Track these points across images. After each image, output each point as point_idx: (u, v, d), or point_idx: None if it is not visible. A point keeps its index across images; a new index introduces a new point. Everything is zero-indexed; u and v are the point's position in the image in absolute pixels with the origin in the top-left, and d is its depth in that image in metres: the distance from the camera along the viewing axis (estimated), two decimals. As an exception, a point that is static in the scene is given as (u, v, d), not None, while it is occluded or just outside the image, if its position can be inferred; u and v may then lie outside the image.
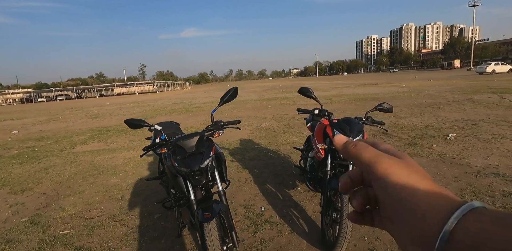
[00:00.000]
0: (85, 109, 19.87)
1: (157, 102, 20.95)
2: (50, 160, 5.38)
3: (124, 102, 25.73)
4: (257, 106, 12.70)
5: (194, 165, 1.71)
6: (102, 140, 7.15)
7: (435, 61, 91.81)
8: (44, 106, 31.68)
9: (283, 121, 7.86)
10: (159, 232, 2.49)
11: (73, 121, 12.36)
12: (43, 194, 3.63)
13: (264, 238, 2.29)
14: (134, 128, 1.96)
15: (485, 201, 2.62)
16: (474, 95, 10.98)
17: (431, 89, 14.68)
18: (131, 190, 3.50)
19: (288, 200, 2.96)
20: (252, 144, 5.51)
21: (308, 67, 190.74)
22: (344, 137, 0.35)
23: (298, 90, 2.50)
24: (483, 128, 5.51)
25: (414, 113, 7.78)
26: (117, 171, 4.33)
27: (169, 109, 14.48)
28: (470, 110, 7.60)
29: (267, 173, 3.80)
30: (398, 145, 4.66)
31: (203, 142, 1.82)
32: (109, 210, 3.00)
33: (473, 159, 3.77)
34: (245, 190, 3.27)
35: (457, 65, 72.06)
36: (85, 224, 2.73)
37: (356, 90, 18.14)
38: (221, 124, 2.00)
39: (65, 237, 2.50)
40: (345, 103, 11.41)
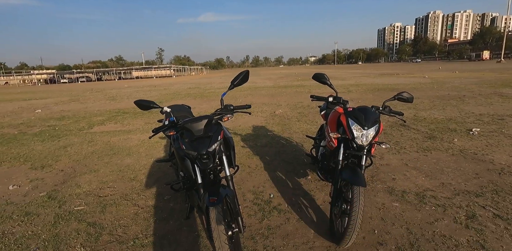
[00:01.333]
0: (104, 91, 20.34)
1: (173, 86, 21.12)
2: (69, 139, 5.57)
3: (141, 85, 26.12)
4: (272, 93, 12.54)
5: (202, 149, 1.68)
6: (119, 121, 7.30)
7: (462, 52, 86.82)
8: (66, 87, 32.70)
9: (298, 109, 7.72)
10: (168, 213, 2.53)
11: (92, 102, 12.69)
12: (61, 171, 3.77)
13: (271, 225, 2.28)
14: (144, 109, 1.94)
15: (506, 200, 2.48)
16: (503, 88, 10.33)
17: (455, 81, 13.94)
18: (144, 171, 3.57)
19: (297, 188, 2.92)
20: (265, 131, 5.46)
21: (326, 55, 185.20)
22: None
23: (312, 76, 2.39)
24: (510, 123, 5.19)
25: (436, 105, 7.43)
26: (131, 152, 4.42)
27: (184, 93, 14.57)
28: (497, 104, 7.17)
29: (278, 160, 3.76)
30: (416, 138, 4.48)
31: (211, 125, 1.78)
32: (122, 189, 3.08)
33: (497, 156, 3.57)
34: (255, 176, 3.26)
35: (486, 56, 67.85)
36: (98, 201, 2.82)
37: (375, 80, 17.51)
38: (230, 108, 1.95)
39: (79, 213, 2.60)
40: (363, 93, 11.05)
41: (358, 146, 2.00)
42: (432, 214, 2.33)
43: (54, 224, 2.43)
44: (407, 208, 2.44)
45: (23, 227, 2.42)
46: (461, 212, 2.33)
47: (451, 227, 2.14)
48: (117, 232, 2.28)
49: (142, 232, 2.25)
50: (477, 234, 2.04)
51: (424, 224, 2.20)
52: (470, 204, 2.46)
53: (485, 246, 1.91)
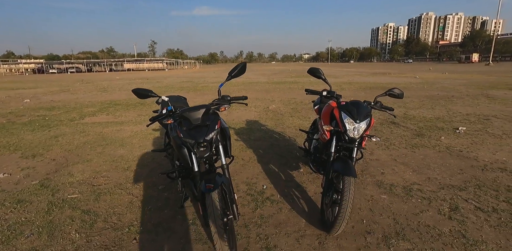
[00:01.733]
0: (95, 82, 19.96)
1: (166, 80, 20.89)
2: (60, 129, 5.49)
3: (133, 77, 25.73)
4: (266, 88, 12.57)
5: (199, 137, 1.72)
6: (111, 113, 7.23)
7: (452, 54, 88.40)
8: (55, 77, 31.91)
9: (291, 105, 7.79)
10: (162, 202, 2.57)
11: (83, 93, 12.46)
12: (53, 160, 3.74)
13: (264, 214, 2.34)
14: (142, 98, 1.95)
15: (488, 194, 2.62)
16: (490, 90, 10.64)
17: (445, 82, 14.27)
18: (137, 162, 3.58)
19: (290, 180, 3.00)
20: (258, 125, 5.52)
21: (320, 52, 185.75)
22: None
23: (308, 70, 2.45)
24: (495, 123, 5.39)
25: (425, 104, 7.62)
26: (124, 143, 4.41)
27: (177, 87, 14.45)
28: (484, 105, 7.41)
29: (271, 153, 3.82)
30: (406, 135, 4.61)
31: (209, 115, 1.83)
32: (116, 178, 3.09)
33: (481, 154, 3.73)
34: (248, 169, 3.32)
35: (475, 59, 69.30)
36: (92, 190, 2.82)
37: (368, 79, 17.74)
38: (227, 99, 1.99)
39: (73, 201, 2.60)
40: (355, 90, 11.21)
41: (350, 138, 2.08)
42: (418, 206, 2.44)
43: (47, 211, 2.44)
44: (395, 200, 2.54)
45: (16, 214, 2.42)
46: (445, 205, 2.45)
47: (435, 218, 2.25)
48: (112, 219, 2.30)
49: (137, 220, 2.28)
50: (459, 225, 2.15)
51: (410, 215, 2.30)
52: (454, 197, 2.58)
53: (466, 236, 2.02)
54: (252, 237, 2.04)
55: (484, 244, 1.93)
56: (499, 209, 2.36)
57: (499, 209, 2.36)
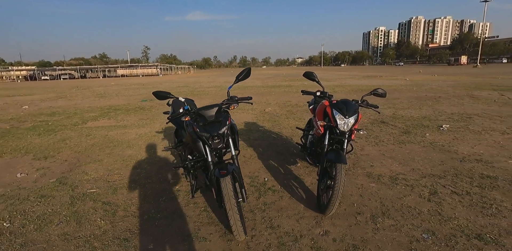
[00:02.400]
0: (90, 88, 20.09)
1: (161, 85, 21.13)
2: (66, 133, 5.72)
3: (129, 83, 25.89)
4: (261, 92, 12.93)
5: (214, 131, 2.02)
6: (112, 117, 7.46)
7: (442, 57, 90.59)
8: (49, 84, 31.84)
9: (286, 107, 8.14)
10: (174, 194, 2.85)
11: (81, 99, 12.64)
12: (65, 161, 3.98)
13: (267, 201, 2.64)
14: (161, 99, 2.26)
15: (463, 181, 2.96)
16: (475, 91, 11.17)
17: (433, 84, 14.83)
18: (146, 161, 3.85)
19: (288, 173, 3.30)
20: (256, 126, 5.83)
21: (313, 56, 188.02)
22: None
23: (303, 74, 2.78)
24: (476, 121, 5.80)
25: (413, 105, 8.05)
26: (131, 144, 4.67)
27: (174, 92, 14.69)
28: (468, 105, 7.85)
29: (270, 151, 4.13)
30: (394, 132, 4.97)
31: (221, 112, 2.13)
32: (128, 175, 3.35)
33: (460, 148, 4.09)
34: (250, 164, 3.62)
35: (464, 61, 71.17)
36: (108, 185, 3.09)
37: (360, 82, 18.27)
38: (235, 99, 2.31)
39: (93, 195, 2.86)
40: (347, 93, 11.63)
41: (341, 131, 2.40)
42: (402, 191, 2.77)
43: (71, 203, 2.69)
44: (382, 187, 2.87)
45: (42, 206, 2.67)
46: (425, 190, 2.78)
47: (416, 201, 2.57)
48: (131, 209, 2.57)
49: (154, 209, 2.56)
50: (436, 205, 2.48)
51: (395, 199, 2.63)
52: (434, 184, 2.92)
53: (441, 214, 2.35)
54: (258, 220, 2.34)
55: (456, 220, 2.26)
56: (471, 192, 2.71)
57: (472, 193, 2.70)
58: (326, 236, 2.10)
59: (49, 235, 2.22)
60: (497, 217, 2.30)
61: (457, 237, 2.04)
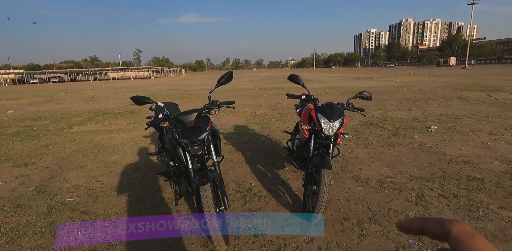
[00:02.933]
0: (80, 92, 19.76)
1: (152, 88, 20.92)
2: (50, 138, 5.56)
3: (119, 86, 25.57)
4: (253, 94, 12.89)
5: (193, 137, 1.95)
6: (100, 121, 7.31)
7: (431, 58, 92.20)
8: (37, 87, 31.24)
9: (277, 110, 8.10)
10: (157, 201, 2.76)
11: (69, 103, 12.39)
12: (46, 168, 3.85)
13: (252, 208, 2.57)
14: (139, 104, 2.18)
15: (450, 184, 2.94)
16: (463, 92, 11.33)
17: (423, 85, 15.01)
18: (131, 166, 3.74)
19: (276, 178, 3.24)
20: (246, 129, 5.76)
21: (306, 58, 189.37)
22: None
23: (288, 77, 2.74)
24: (464, 122, 5.84)
25: (403, 106, 8.10)
26: (116, 150, 4.55)
27: (165, 94, 14.56)
28: (456, 106, 7.94)
29: (259, 155, 4.07)
30: (383, 134, 4.96)
31: (201, 118, 2.07)
32: (111, 182, 3.25)
33: (448, 149, 4.10)
34: (237, 169, 3.54)
35: (453, 62, 72.59)
36: (89, 193, 2.98)
37: (351, 83, 18.40)
38: (217, 104, 2.24)
39: (72, 204, 2.75)
40: (338, 95, 11.67)
41: (326, 136, 2.36)
42: (389, 195, 2.73)
43: (48, 213, 2.58)
44: (369, 191, 2.83)
45: (17, 217, 2.55)
46: (412, 193, 2.75)
47: (403, 205, 2.54)
48: (111, 218, 2.47)
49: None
50: (423, 209, 2.45)
51: (382, 203, 2.59)
52: (421, 187, 2.89)
53: (428, 218, 2.31)
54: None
55: (443, 224, 2.22)
56: (459, 195, 2.69)
57: (459, 195, 2.68)
58: (311, 244, 2.05)
59: (21, 248, 2.10)
60: (484, 220, 2.27)
61: (443, 243, 2.00)
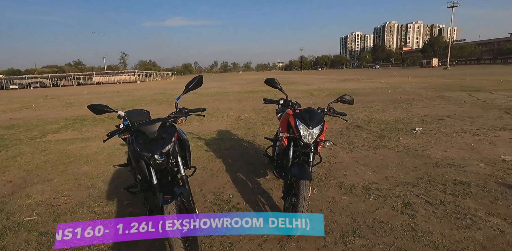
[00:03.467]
0: (60, 97, 19.07)
1: (138, 92, 20.44)
2: (19, 149, 5.20)
3: (103, 91, 24.88)
4: (239, 98, 12.71)
5: (156, 150, 1.75)
6: (77, 129, 6.96)
7: (415, 59, 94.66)
8: (17, 93, 30.07)
9: (262, 113, 7.94)
10: (127, 218, 2.52)
11: (47, 109, 11.87)
12: (9, 182, 3.54)
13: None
14: (98, 114, 1.96)
15: (437, 189, 2.84)
16: (446, 92, 11.52)
17: (407, 86, 15.23)
18: (102, 178, 3.48)
19: (257, 187, 3.06)
20: (230, 135, 5.57)
21: (293, 61, 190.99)
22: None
23: (264, 81, 2.57)
24: (448, 123, 5.85)
25: (388, 108, 8.10)
26: (89, 160, 4.27)
27: (149, 99, 14.20)
28: (440, 106, 8.00)
29: (240, 162, 3.88)
30: (368, 137, 4.87)
31: (165, 128, 1.87)
32: (78, 197, 2.98)
33: (433, 151, 4.03)
34: (216, 179, 3.35)
35: (435, 64, 74.74)
36: (51, 211, 2.71)
37: (338, 85, 18.51)
38: (185, 111, 2.05)
39: (30, 223, 2.49)
40: (325, 97, 11.65)
41: (305, 144, 2.20)
42: (374, 204, 2.60)
43: (1, 236, 2.31)
44: (354, 200, 2.69)
45: (-36, 242, 2.26)
46: (398, 201, 2.63)
47: (389, 214, 2.41)
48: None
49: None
50: (409, 219, 2.32)
51: (367, 213, 2.45)
52: (407, 193, 2.77)
53: (415, 228, 2.19)
54: (216, 246, 2.07)
55: (430, 235, 2.10)
56: (445, 201, 2.58)
57: (446, 202, 2.57)
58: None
59: (-38, 280, 1.84)
60: (472, 229, 2.16)
61: None
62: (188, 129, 6.12)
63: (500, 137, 4.61)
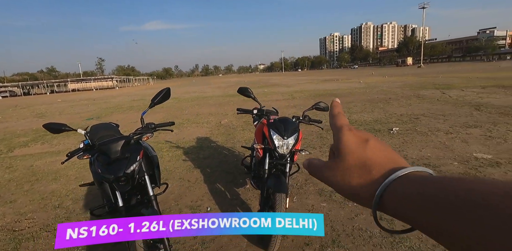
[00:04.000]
0: (31, 107, 18.11)
1: (115, 99, 19.78)
2: (-19, 166, 4.82)
3: (78, 99, 23.91)
4: (220, 102, 12.57)
5: (119, 171, 1.63)
6: (47, 141, 6.58)
7: (391, 59, 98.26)
8: (-17, 104, 28.31)
9: (243, 118, 7.86)
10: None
11: (16, 121, 11.20)
12: (-34, 206, 3.25)
13: (206, 239, 2.28)
14: (55, 133, 1.81)
15: (413, 191, 2.87)
16: (420, 90, 11.94)
17: (384, 85, 15.68)
18: (71, 196, 3.27)
19: (235, 198, 2.98)
20: (209, 142, 5.45)
21: (275, 62, 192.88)
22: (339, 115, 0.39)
23: (237, 90, 2.50)
24: (423, 121, 6.02)
25: (366, 108, 8.26)
26: (58, 176, 4.02)
27: (126, 106, 13.76)
28: (415, 105, 8.25)
29: (219, 171, 3.78)
30: (347, 140, 4.91)
31: (130, 146, 1.75)
32: (43, 219, 2.77)
33: (410, 151, 4.11)
34: (193, 191, 3.23)
35: (410, 62, 77.85)
36: (12, 237, 2.49)
37: (318, 86, 18.77)
38: (151, 127, 1.93)
39: (-14, 253, 2.27)
40: (305, 99, 11.75)
41: (280, 154, 2.14)
42: (354, 210, 2.58)
43: (-50, 270, 2.09)
44: (333, 207, 2.66)
45: None
46: (377, 206, 2.62)
47: (367, 220, 2.39)
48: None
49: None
50: (387, 224, 2.32)
51: (346, 220, 2.42)
52: (385, 197, 2.78)
53: (393, 234, 2.18)
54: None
55: (408, 240, 2.09)
56: (422, 204, 2.60)
57: (422, 204, 2.59)
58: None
59: None
60: (448, 231, 2.18)
61: None
62: (166, 138, 5.94)
63: (472, 135, 4.78)
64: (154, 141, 5.66)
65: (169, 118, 8.61)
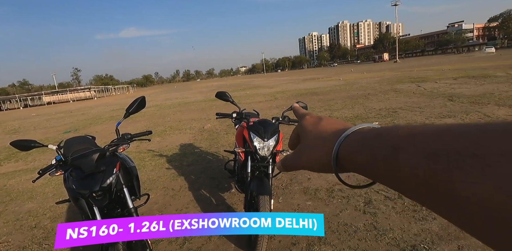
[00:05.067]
0: (3, 123, 17.25)
1: (93, 110, 19.18)
2: (-51, 190, 4.53)
3: (53, 112, 22.99)
4: (202, 107, 12.47)
5: (95, 186, 1.57)
6: (21, 158, 6.28)
7: (368, 55, 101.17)
8: (-49, 123, 26.67)
9: (226, 121, 7.82)
10: (77, 258, 2.26)
11: (-13, 139, 10.61)
12: None
13: (193, 247, 2.24)
14: (25, 150, 1.73)
15: (394, 183, 2.94)
16: (397, 85, 12.33)
17: (363, 81, 16.08)
18: (49, 215, 3.12)
19: (221, 204, 2.95)
20: (192, 148, 5.38)
21: (256, 64, 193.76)
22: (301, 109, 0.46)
23: (215, 95, 2.49)
24: (401, 114, 6.21)
25: (347, 105, 8.43)
26: (34, 194, 3.83)
27: (106, 116, 13.37)
28: (393, 99, 8.51)
29: (203, 178, 3.73)
30: (330, 137, 4.99)
31: (105, 158, 1.69)
32: (19, 242, 2.63)
33: (389, 145, 4.22)
34: (178, 199, 3.16)
35: (386, 58, 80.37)
36: (-15, 263, 2.35)
37: (299, 86, 18.99)
38: (127, 137, 1.88)
39: (-44, 283, 2.13)
40: (287, 99, 11.85)
41: (262, 157, 2.14)
42: (338, 206, 2.61)
43: None
44: (318, 204, 2.69)
45: None
46: (360, 200, 2.67)
47: (352, 215, 2.43)
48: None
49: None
50: (371, 217, 2.36)
51: (331, 216, 2.45)
52: (368, 191, 2.84)
53: (377, 227, 2.22)
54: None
55: (391, 232, 2.14)
56: (403, 196, 2.67)
57: (403, 196, 2.66)
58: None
59: None
60: (428, 220, 2.25)
61: None
62: (148, 147, 5.81)
63: (446, 125, 4.97)
64: (135, 151, 5.53)
65: (151, 126, 8.44)
